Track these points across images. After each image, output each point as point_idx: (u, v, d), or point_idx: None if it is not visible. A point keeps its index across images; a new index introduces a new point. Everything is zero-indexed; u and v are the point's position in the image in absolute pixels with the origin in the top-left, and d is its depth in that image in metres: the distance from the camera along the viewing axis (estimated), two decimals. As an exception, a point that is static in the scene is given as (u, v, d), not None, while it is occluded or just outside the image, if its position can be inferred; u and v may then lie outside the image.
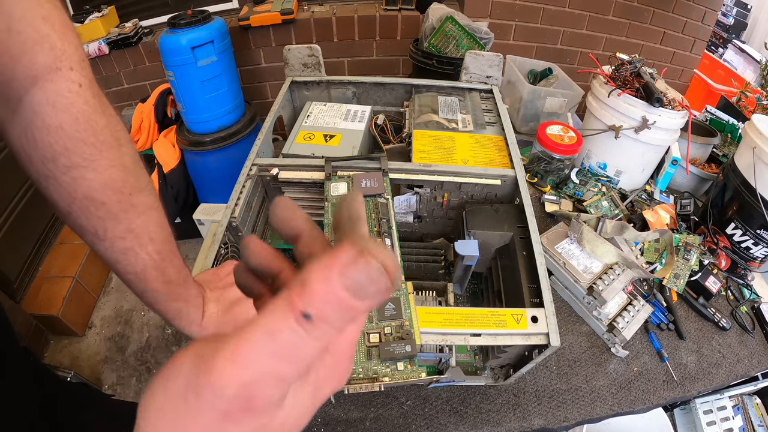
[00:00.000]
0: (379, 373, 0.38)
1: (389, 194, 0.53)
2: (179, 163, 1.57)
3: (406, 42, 1.64)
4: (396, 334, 0.40)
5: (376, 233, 0.48)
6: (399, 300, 0.42)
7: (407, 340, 0.39)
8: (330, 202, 0.53)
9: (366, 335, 0.40)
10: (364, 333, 0.40)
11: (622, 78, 0.83)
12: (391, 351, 0.38)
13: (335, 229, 0.18)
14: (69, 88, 0.26)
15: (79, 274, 1.53)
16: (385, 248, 0.14)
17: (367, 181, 0.53)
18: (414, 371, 0.38)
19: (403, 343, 0.39)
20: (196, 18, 1.36)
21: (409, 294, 0.43)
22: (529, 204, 0.55)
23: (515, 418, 0.56)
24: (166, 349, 1.49)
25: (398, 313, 0.41)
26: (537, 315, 0.44)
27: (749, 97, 1.11)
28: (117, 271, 0.33)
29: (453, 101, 0.76)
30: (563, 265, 0.66)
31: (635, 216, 0.82)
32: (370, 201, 0.52)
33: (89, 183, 0.28)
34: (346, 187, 0.54)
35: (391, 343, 0.39)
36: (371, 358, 0.39)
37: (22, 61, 0.24)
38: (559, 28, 1.77)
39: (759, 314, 0.71)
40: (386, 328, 0.40)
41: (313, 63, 0.79)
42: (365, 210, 0.27)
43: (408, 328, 0.40)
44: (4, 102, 0.26)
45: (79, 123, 0.26)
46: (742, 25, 2.31)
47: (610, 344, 0.65)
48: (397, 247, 0.46)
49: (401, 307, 0.42)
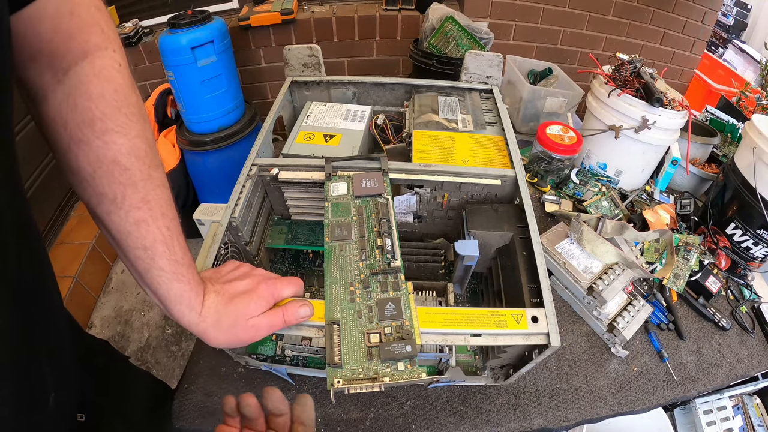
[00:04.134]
0: (379, 373, 0.38)
1: (389, 194, 0.52)
2: (179, 163, 1.57)
3: (406, 42, 1.64)
4: (396, 334, 0.39)
5: (376, 233, 0.48)
6: (399, 300, 0.42)
7: (407, 340, 0.39)
8: (330, 202, 0.52)
9: (366, 335, 0.39)
10: (364, 333, 0.40)
11: (622, 78, 0.83)
12: (391, 351, 0.38)
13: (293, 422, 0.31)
14: (112, 65, 0.31)
15: (79, 274, 1.53)
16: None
17: (367, 181, 0.53)
18: (414, 371, 0.38)
19: (403, 343, 0.39)
20: (196, 18, 1.36)
21: (410, 294, 0.43)
22: (529, 204, 0.55)
23: (515, 418, 0.56)
24: (166, 349, 1.49)
25: (398, 313, 0.41)
26: (537, 315, 0.44)
27: (749, 97, 1.11)
28: (127, 245, 0.33)
29: (453, 101, 0.76)
30: (563, 265, 0.66)
31: (635, 216, 0.82)
32: (369, 201, 0.52)
33: (119, 148, 0.31)
34: (346, 187, 0.53)
35: (392, 343, 0.39)
36: (371, 358, 0.38)
37: (78, 38, 0.29)
38: (559, 28, 1.77)
39: (759, 314, 0.71)
40: (386, 328, 0.40)
41: (313, 63, 0.79)
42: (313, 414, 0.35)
43: (408, 328, 0.40)
44: (53, 72, 0.30)
45: (118, 93, 0.31)
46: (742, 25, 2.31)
47: (610, 344, 0.65)
48: (397, 247, 0.46)
49: (401, 307, 0.41)
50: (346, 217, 0.50)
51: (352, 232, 0.47)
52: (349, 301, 0.42)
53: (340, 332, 0.40)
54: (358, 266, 0.44)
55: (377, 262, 0.44)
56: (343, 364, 0.38)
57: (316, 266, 0.67)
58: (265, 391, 0.34)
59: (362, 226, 0.48)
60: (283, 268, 0.66)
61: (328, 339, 0.39)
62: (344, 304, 0.42)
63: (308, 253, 0.67)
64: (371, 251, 0.45)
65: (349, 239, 0.47)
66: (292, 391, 0.57)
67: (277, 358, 0.57)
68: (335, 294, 0.43)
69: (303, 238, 0.62)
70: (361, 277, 0.44)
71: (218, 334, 0.38)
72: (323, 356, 0.56)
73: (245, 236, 0.55)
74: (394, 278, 0.43)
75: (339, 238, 0.47)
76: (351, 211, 0.50)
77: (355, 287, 0.43)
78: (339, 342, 0.39)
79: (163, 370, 1.43)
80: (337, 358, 0.38)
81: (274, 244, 0.63)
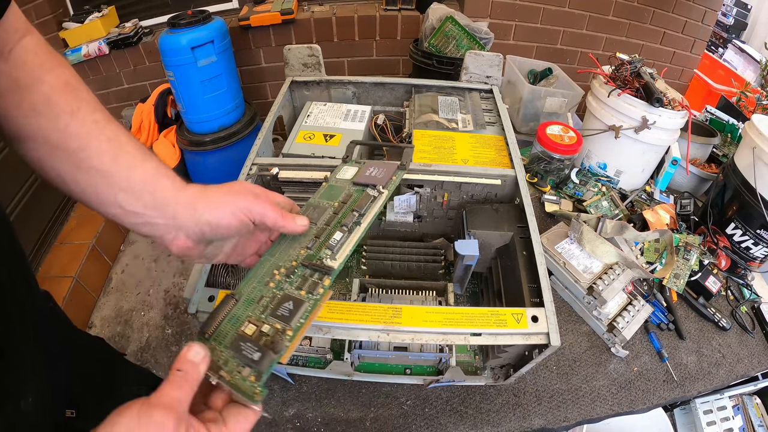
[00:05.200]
0: (224, 365, 0.31)
1: (389, 189, 0.45)
2: (179, 163, 1.57)
3: (406, 42, 1.64)
4: (268, 337, 0.33)
5: (336, 224, 0.41)
6: (301, 305, 0.35)
7: (266, 350, 0.31)
8: (329, 183, 0.48)
9: (246, 322, 0.34)
10: (246, 319, 0.35)
11: (622, 78, 0.83)
12: (242, 348, 0.32)
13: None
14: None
15: (79, 274, 1.53)
16: None
17: (374, 170, 0.48)
18: (251, 386, 0.30)
19: (258, 350, 0.31)
20: (196, 18, 1.36)
21: (319, 303, 0.35)
22: (529, 204, 0.55)
23: (515, 418, 0.56)
24: (166, 349, 1.49)
25: (289, 318, 0.34)
26: (537, 315, 0.44)
27: (749, 97, 1.11)
28: (89, 145, 0.34)
29: (453, 101, 0.76)
30: (563, 265, 0.66)
31: (635, 216, 0.82)
32: (363, 191, 0.46)
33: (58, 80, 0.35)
34: (353, 172, 0.49)
35: (255, 341, 0.32)
36: (232, 347, 0.33)
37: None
38: (559, 28, 1.77)
39: (759, 314, 0.71)
40: (266, 326, 0.34)
41: (313, 63, 0.79)
42: None
43: (282, 339, 0.32)
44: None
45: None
46: (742, 25, 2.31)
47: (610, 344, 0.65)
48: (347, 246, 0.40)
49: (296, 314, 0.34)
50: (330, 202, 0.44)
51: (321, 218, 0.42)
52: (264, 283, 0.38)
53: (232, 307, 0.36)
54: (298, 253, 0.39)
55: (321, 254, 0.39)
56: (212, 337, 0.34)
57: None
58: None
59: (336, 214, 0.43)
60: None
61: (219, 308, 0.35)
62: (259, 283, 0.38)
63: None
64: (324, 241, 0.40)
65: (313, 224, 0.42)
66: (293, 390, 0.57)
67: (277, 358, 0.56)
68: (262, 270, 0.39)
69: (303, 237, 0.62)
70: (292, 264, 0.39)
71: (204, 200, 0.36)
72: (323, 356, 0.56)
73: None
74: (318, 278, 0.37)
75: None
76: (339, 197, 0.45)
77: (279, 272, 0.38)
78: (224, 316, 0.35)
79: (163, 370, 1.43)
80: (211, 330, 0.34)
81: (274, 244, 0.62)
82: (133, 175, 0.34)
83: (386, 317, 0.43)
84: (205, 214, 0.35)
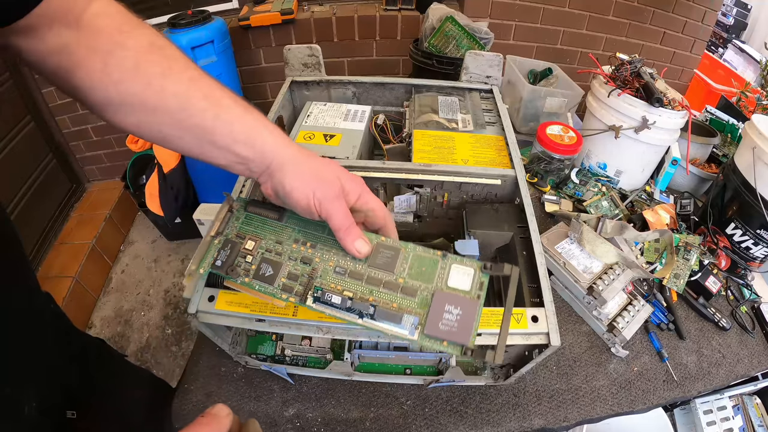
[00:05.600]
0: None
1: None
2: (179, 162, 1.57)
3: (406, 42, 1.64)
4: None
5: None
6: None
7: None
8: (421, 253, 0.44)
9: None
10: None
11: (622, 78, 0.83)
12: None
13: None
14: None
15: (79, 275, 1.53)
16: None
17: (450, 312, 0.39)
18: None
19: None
20: (196, 18, 1.36)
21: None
22: (529, 204, 0.55)
23: (515, 418, 0.56)
24: (166, 349, 1.49)
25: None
26: (537, 315, 0.44)
27: (749, 97, 1.11)
28: (189, 104, 0.34)
29: (453, 101, 0.76)
30: (563, 265, 0.66)
31: (635, 216, 0.82)
32: None
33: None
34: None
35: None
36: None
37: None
38: (559, 28, 1.77)
39: (759, 314, 0.71)
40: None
41: (313, 63, 0.79)
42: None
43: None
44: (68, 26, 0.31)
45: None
46: (742, 25, 2.31)
47: (610, 344, 0.65)
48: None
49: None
50: (400, 268, 0.40)
51: (381, 267, 0.40)
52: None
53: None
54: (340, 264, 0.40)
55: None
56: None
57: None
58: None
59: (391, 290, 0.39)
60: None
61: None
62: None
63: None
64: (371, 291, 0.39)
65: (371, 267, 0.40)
66: (293, 390, 0.57)
67: (277, 358, 0.57)
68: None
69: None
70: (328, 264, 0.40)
71: (292, 166, 0.37)
72: (323, 356, 0.56)
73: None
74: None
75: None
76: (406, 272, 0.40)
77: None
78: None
79: (163, 370, 1.43)
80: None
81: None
82: (235, 130, 0.35)
83: (386, 317, 0.43)
84: (285, 178, 0.37)
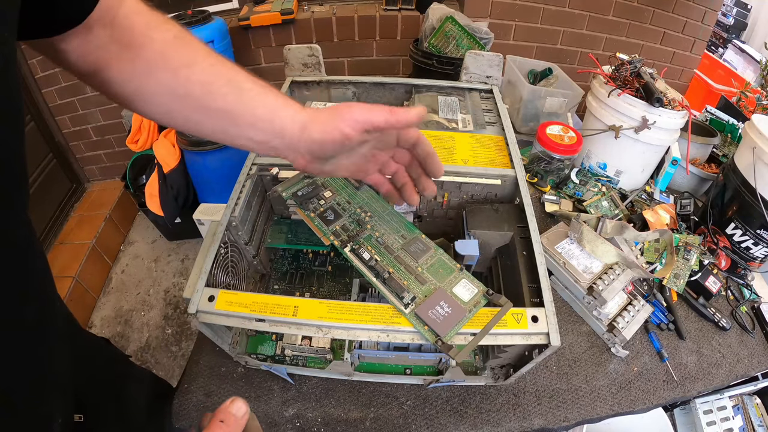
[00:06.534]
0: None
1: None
2: (179, 163, 1.57)
3: (406, 42, 1.64)
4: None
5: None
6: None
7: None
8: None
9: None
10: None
11: (622, 78, 0.83)
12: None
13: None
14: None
15: (79, 274, 1.53)
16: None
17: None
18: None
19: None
20: (196, 18, 1.36)
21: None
22: (529, 204, 0.55)
23: (515, 418, 0.56)
24: (166, 349, 1.49)
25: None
26: (537, 314, 0.44)
27: (749, 97, 1.11)
28: (212, 89, 0.36)
29: (453, 101, 0.76)
30: (563, 265, 0.66)
31: (635, 216, 0.82)
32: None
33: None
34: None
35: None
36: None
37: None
38: (559, 28, 1.77)
39: (759, 314, 0.71)
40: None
41: (313, 63, 0.79)
42: None
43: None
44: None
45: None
46: (742, 25, 2.31)
47: (610, 344, 0.65)
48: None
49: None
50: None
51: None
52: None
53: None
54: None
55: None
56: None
57: (315, 266, 0.66)
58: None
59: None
60: (283, 267, 0.66)
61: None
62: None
63: (308, 253, 0.67)
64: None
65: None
66: (293, 390, 0.57)
67: (277, 358, 0.57)
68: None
69: (303, 237, 0.62)
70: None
71: (313, 121, 0.38)
72: (323, 356, 0.56)
73: (245, 236, 0.55)
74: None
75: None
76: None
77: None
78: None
79: (163, 370, 1.43)
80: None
81: (274, 244, 0.62)
82: (257, 112, 0.37)
83: (386, 317, 0.43)
84: (313, 133, 0.38)
